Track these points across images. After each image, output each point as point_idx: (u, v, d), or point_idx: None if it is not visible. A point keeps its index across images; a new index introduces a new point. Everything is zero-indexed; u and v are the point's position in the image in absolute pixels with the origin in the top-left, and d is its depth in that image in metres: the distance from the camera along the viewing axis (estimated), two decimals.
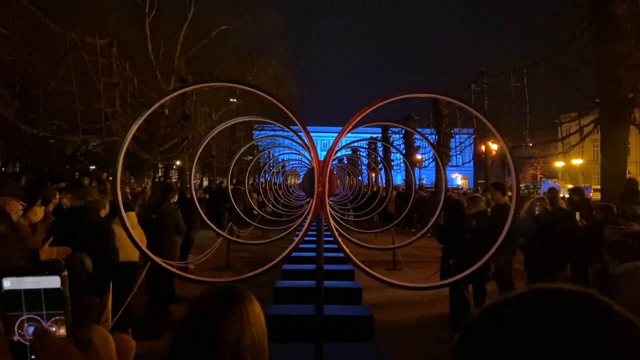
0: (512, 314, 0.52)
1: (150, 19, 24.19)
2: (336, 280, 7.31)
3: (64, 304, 0.70)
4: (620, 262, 3.74)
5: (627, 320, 0.50)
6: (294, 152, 12.18)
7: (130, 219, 6.21)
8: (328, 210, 3.37)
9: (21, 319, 0.69)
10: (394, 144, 20.86)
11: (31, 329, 0.69)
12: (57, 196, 5.67)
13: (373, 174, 15.90)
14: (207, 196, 13.52)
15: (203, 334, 1.35)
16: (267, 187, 12.67)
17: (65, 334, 0.70)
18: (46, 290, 0.69)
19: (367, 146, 16.51)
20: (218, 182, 18.95)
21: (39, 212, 4.41)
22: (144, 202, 11.43)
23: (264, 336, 1.40)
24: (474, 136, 19.35)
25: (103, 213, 5.02)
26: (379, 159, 13.23)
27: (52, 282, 0.69)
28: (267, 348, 1.41)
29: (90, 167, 24.14)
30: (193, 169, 5.29)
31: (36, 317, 0.70)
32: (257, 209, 9.36)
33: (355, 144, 11.62)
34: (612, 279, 3.76)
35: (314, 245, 3.22)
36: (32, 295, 0.69)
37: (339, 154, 11.52)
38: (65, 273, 0.70)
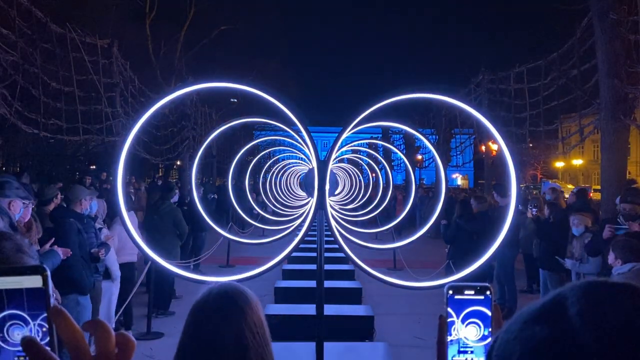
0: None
1: (150, 19, 24.21)
2: (337, 280, 7.33)
3: (46, 304, 0.69)
4: (625, 262, 3.75)
5: None
6: (295, 152, 12.18)
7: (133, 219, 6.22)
8: (329, 209, 3.38)
9: (2, 314, 0.68)
10: (395, 144, 20.88)
11: (15, 330, 0.68)
12: (59, 196, 5.66)
13: (373, 174, 15.91)
14: (217, 196, 13.51)
15: (205, 339, 1.38)
16: (268, 187, 12.68)
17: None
18: (28, 290, 0.67)
19: (367, 146, 16.51)
20: (219, 182, 18.99)
21: (24, 211, 4.38)
22: (138, 204, 11.43)
23: (264, 328, 1.43)
24: (474, 136, 19.35)
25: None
26: (379, 159, 13.23)
27: (34, 281, 0.68)
28: (269, 341, 1.43)
29: (91, 167, 24.17)
30: (194, 169, 5.29)
31: (19, 318, 0.69)
32: (257, 208, 9.38)
33: (356, 144, 11.61)
34: (615, 278, 3.77)
35: (315, 245, 3.23)
36: (14, 295, 0.68)
37: (339, 154, 11.51)
38: (47, 273, 0.69)
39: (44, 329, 0.68)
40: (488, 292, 0.89)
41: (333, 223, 3.41)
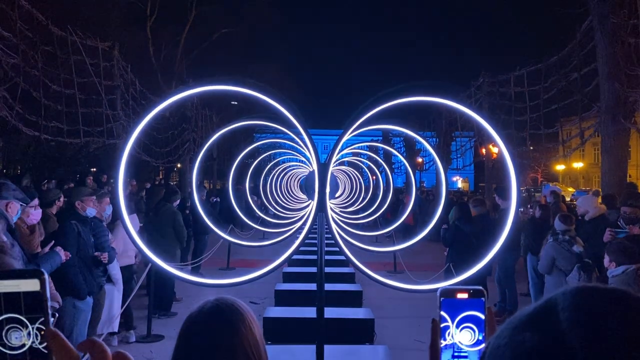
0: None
1: (151, 22, 24.28)
2: (337, 282, 7.32)
3: (43, 307, 0.69)
4: (618, 264, 3.76)
5: None
6: (295, 155, 12.18)
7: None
8: (329, 212, 3.38)
9: (0, 318, 0.68)
10: (395, 147, 20.90)
11: (13, 334, 0.68)
12: (62, 199, 5.66)
13: (374, 177, 15.92)
14: (219, 199, 13.54)
15: (196, 358, 1.34)
16: (268, 190, 12.67)
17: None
18: (25, 293, 0.67)
19: (367, 149, 16.49)
20: (219, 185, 18.98)
21: (32, 214, 4.37)
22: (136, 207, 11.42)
23: (259, 347, 1.38)
24: (474, 139, 19.37)
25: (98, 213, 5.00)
26: (379, 161, 13.23)
27: (32, 285, 0.68)
28: (264, 355, 1.40)
29: (92, 169, 24.18)
30: (195, 172, 5.29)
31: (17, 321, 0.69)
32: (257, 211, 9.37)
33: (356, 147, 11.61)
34: (610, 280, 3.78)
35: (315, 248, 3.23)
36: (12, 298, 0.67)
37: (340, 157, 11.51)
38: (45, 276, 0.69)
39: (42, 333, 0.68)
40: (482, 296, 0.88)
41: (333, 226, 3.41)
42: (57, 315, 3.01)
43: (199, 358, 1.33)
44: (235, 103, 27.33)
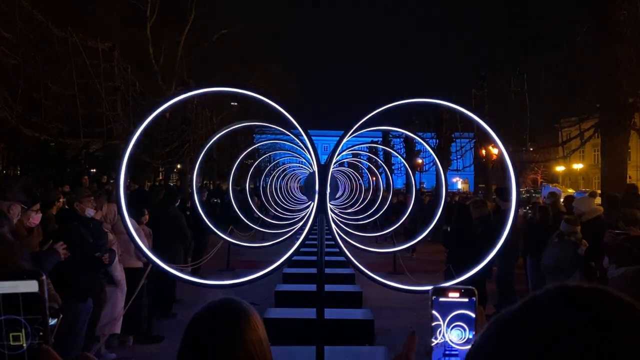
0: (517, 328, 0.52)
1: (151, 23, 24.28)
2: (337, 283, 7.32)
3: (42, 308, 0.69)
4: (618, 266, 3.76)
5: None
6: (295, 155, 12.19)
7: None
8: (329, 213, 3.38)
9: None
10: (395, 148, 20.91)
11: (12, 334, 0.69)
12: (62, 199, 5.66)
13: (374, 178, 15.94)
14: (219, 200, 13.53)
15: (200, 358, 1.35)
16: (268, 191, 12.68)
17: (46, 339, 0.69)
18: (24, 294, 0.68)
19: (367, 150, 16.53)
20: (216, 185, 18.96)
21: (33, 218, 4.35)
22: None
23: (263, 348, 1.38)
24: (474, 140, 19.38)
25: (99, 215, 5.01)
26: (379, 162, 13.25)
27: (30, 286, 0.68)
28: (269, 356, 1.40)
29: (92, 170, 24.18)
30: (195, 173, 5.30)
31: (16, 322, 0.69)
32: (257, 212, 9.38)
33: (356, 148, 11.62)
34: (609, 282, 3.78)
35: (315, 249, 3.23)
36: (11, 299, 0.68)
37: (340, 158, 11.52)
38: (43, 277, 0.70)
39: (41, 333, 0.68)
40: (472, 295, 0.89)
41: (334, 227, 3.42)
42: (61, 316, 3.01)
43: (204, 357, 1.34)
44: (236, 104, 27.34)
